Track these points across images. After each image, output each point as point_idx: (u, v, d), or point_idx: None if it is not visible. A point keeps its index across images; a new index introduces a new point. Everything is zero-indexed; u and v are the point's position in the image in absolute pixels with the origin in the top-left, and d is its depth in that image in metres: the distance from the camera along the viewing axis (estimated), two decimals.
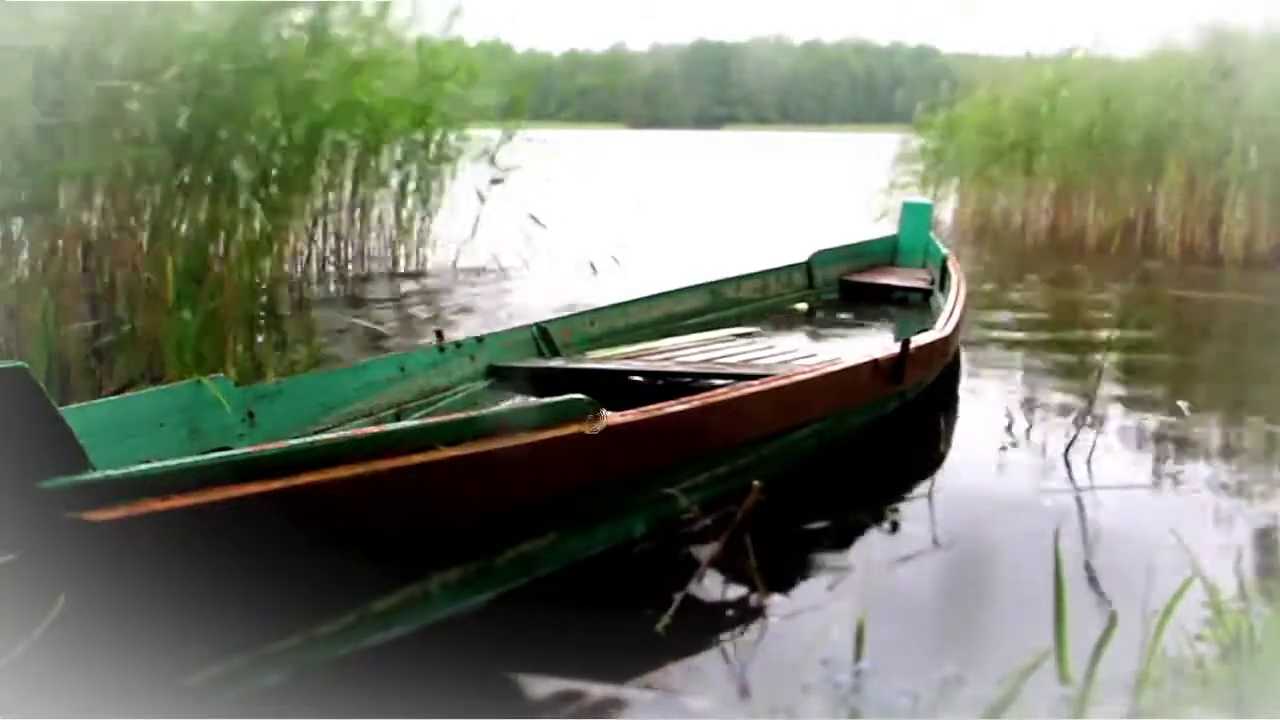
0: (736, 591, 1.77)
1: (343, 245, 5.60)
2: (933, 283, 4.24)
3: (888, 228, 5.30)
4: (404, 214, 5.85)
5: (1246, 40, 7.23)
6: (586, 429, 1.66)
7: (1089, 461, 2.52)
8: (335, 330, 4.09)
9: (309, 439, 1.56)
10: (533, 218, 5.94)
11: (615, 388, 2.65)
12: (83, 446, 1.22)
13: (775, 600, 1.74)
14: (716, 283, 3.89)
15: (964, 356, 3.61)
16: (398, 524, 1.49)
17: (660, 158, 22.27)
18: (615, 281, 5.25)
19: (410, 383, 2.53)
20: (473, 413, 1.63)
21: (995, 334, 4.23)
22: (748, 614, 1.71)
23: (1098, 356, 2.82)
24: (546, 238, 6.09)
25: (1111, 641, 1.35)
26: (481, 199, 5.85)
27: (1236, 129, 6.80)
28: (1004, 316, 4.66)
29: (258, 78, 3.48)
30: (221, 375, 2.14)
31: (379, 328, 4.17)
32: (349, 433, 1.89)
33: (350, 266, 5.54)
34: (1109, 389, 3.05)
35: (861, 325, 3.86)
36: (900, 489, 2.34)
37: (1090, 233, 7.62)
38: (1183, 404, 3.06)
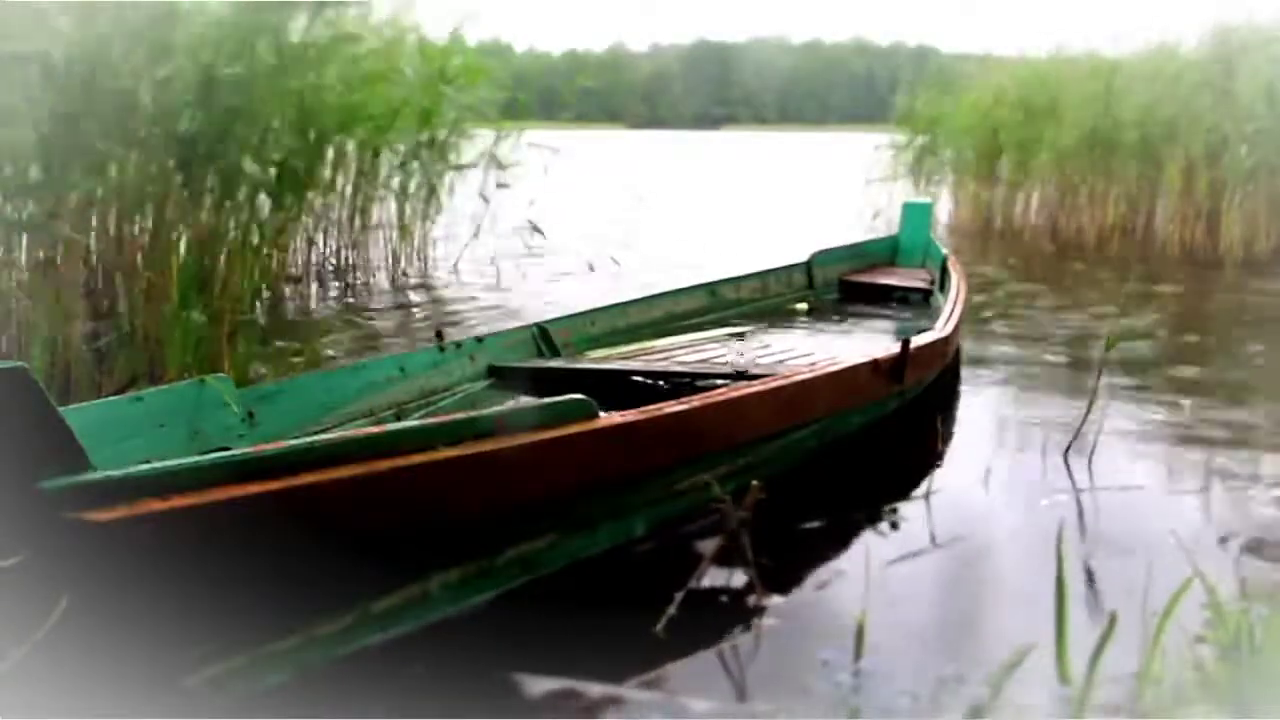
0: (736, 591, 1.77)
1: (344, 246, 5.59)
2: (933, 283, 4.24)
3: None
4: (406, 215, 5.85)
5: (1244, 39, 7.23)
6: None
7: (1089, 461, 2.52)
8: (335, 331, 4.09)
9: (309, 439, 1.55)
10: (533, 225, 5.95)
11: (615, 388, 2.65)
12: (83, 446, 1.22)
13: (775, 600, 1.74)
14: (716, 283, 3.89)
15: (964, 356, 3.61)
16: (398, 524, 1.49)
17: (660, 158, 22.25)
18: (614, 282, 5.25)
19: (410, 383, 2.52)
20: (473, 413, 1.63)
21: (995, 334, 4.23)
22: (747, 614, 1.71)
23: (1098, 356, 2.81)
24: (547, 239, 6.09)
25: (1111, 641, 1.35)
26: (485, 200, 5.86)
27: (1232, 127, 6.80)
28: (1003, 316, 4.66)
29: (265, 82, 3.48)
30: (222, 375, 2.14)
31: (379, 329, 4.17)
32: (349, 433, 1.89)
33: (351, 268, 5.54)
34: (1109, 388, 3.04)
35: (861, 325, 3.86)
36: (900, 489, 2.34)
37: (1089, 232, 7.62)
38: (1184, 403, 3.07)
